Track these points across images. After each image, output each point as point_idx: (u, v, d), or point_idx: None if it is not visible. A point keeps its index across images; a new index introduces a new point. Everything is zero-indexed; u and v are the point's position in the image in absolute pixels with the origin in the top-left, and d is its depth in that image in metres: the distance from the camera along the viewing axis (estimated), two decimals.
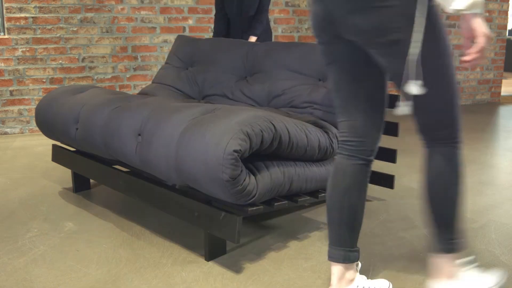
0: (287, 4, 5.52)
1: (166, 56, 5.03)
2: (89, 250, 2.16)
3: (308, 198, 2.28)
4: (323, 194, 2.37)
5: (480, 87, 6.76)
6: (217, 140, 1.81)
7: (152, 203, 2.26)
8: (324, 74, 2.62)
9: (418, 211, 2.61)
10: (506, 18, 6.74)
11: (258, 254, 2.12)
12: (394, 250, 2.14)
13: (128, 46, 4.93)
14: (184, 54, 3.34)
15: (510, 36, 10.28)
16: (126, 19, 4.88)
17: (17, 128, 4.69)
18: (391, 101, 2.59)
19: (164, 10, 5.01)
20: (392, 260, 2.05)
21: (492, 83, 6.86)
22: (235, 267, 2.00)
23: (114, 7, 4.80)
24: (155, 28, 5.00)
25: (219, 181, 1.80)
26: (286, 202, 2.14)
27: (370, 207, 2.67)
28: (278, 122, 2.00)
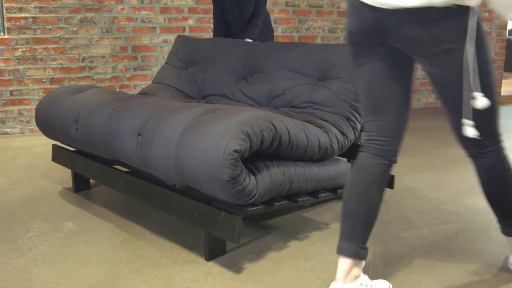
0: (287, 4, 5.52)
1: (166, 56, 5.03)
2: (89, 250, 2.16)
3: (308, 198, 2.28)
4: (323, 194, 2.37)
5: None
6: (217, 140, 1.81)
7: (152, 203, 2.26)
8: (324, 74, 2.62)
9: (418, 211, 2.61)
10: None
11: (258, 254, 2.12)
12: (394, 250, 2.14)
13: (128, 46, 4.93)
14: (184, 54, 3.34)
15: (510, 36, 10.28)
16: (126, 19, 4.88)
17: (17, 128, 4.69)
18: None
19: (164, 10, 5.01)
20: (392, 260, 2.05)
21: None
22: (235, 267, 2.00)
23: (114, 7, 4.80)
24: (155, 28, 5.00)
25: (219, 181, 1.80)
26: (286, 202, 2.14)
27: None
28: (278, 122, 2.00)
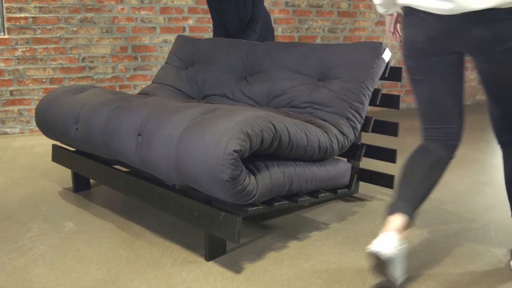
0: (287, 4, 5.52)
1: (166, 56, 5.03)
2: (89, 250, 2.16)
3: (308, 198, 2.28)
4: (323, 194, 2.37)
5: (480, 87, 6.76)
6: (217, 140, 1.81)
7: (152, 203, 2.26)
8: (324, 74, 2.62)
9: (418, 211, 2.61)
10: None
11: (258, 254, 2.12)
12: None
13: (128, 46, 4.93)
14: (184, 54, 3.34)
15: None
16: (126, 19, 4.88)
17: (17, 128, 4.69)
18: (391, 101, 2.59)
19: (164, 10, 5.01)
20: None
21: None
22: (235, 267, 2.00)
23: (114, 7, 4.80)
24: (155, 28, 5.00)
25: (219, 181, 1.80)
26: (286, 202, 2.14)
27: (370, 207, 2.67)
28: (278, 122, 2.00)
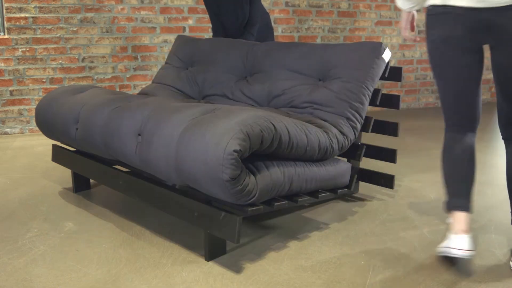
0: (287, 4, 5.52)
1: (166, 56, 5.03)
2: (89, 250, 2.16)
3: (308, 198, 2.28)
4: (323, 194, 2.37)
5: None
6: (217, 140, 1.81)
7: (152, 203, 2.26)
8: (324, 74, 2.62)
9: (418, 211, 2.61)
10: None
11: (258, 254, 2.12)
12: (394, 250, 2.14)
13: (128, 46, 4.93)
14: (184, 54, 3.34)
15: None
16: (126, 19, 4.88)
17: (17, 128, 4.69)
18: (391, 101, 2.59)
19: (164, 10, 5.01)
20: (392, 260, 2.05)
21: (492, 83, 6.86)
22: (235, 267, 2.00)
23: (114, 7, 4.80)
24: (155, 28, 5.00)
25: (219, 181, 1.80)
26: (286, 202, 2.14)
27: (370, 207, 2.67)
28: (278, 122, 2.00)
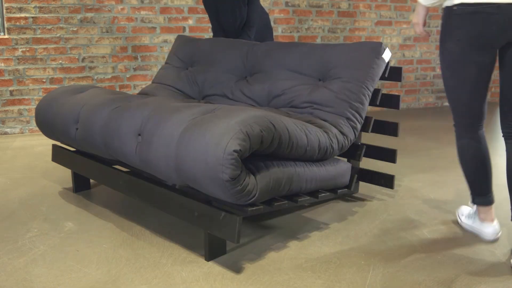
0: (287, 4, 5.52)
1: (166, 56, 5.03)
2: (89, 250, 2.16)
3: (308, 198, 2.28)
4: (323, 194, 2.37)
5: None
6: (217, 140, 1.81)
7: (152, 203, 2.26)
8: (324, 74, 2.62)
9: (418, 211, 2.61)
10: None
11: (258, 254, 2.12)
12: (394, 250, 2.14)
13: (128, 46, 4.93)
14: (184, 54, 3.34)
15: None
16: (126, 19, 4.88)
17: (17, 128, 4.69)
18: (391, 101, 2.59)
19: (164, 10, 5.01)
20: (392, 260, 2.05)
21: (492, 83, 6.86)
22: (235, 267, 2.00)
23: (114, 7, 4.80)
24: (155, 28, 5.00)
25: (219, 181, 1.80)
26: (286, 202, 2.14)
27: (370, 207, 2.67)
28: (278, 122, 2.00)
